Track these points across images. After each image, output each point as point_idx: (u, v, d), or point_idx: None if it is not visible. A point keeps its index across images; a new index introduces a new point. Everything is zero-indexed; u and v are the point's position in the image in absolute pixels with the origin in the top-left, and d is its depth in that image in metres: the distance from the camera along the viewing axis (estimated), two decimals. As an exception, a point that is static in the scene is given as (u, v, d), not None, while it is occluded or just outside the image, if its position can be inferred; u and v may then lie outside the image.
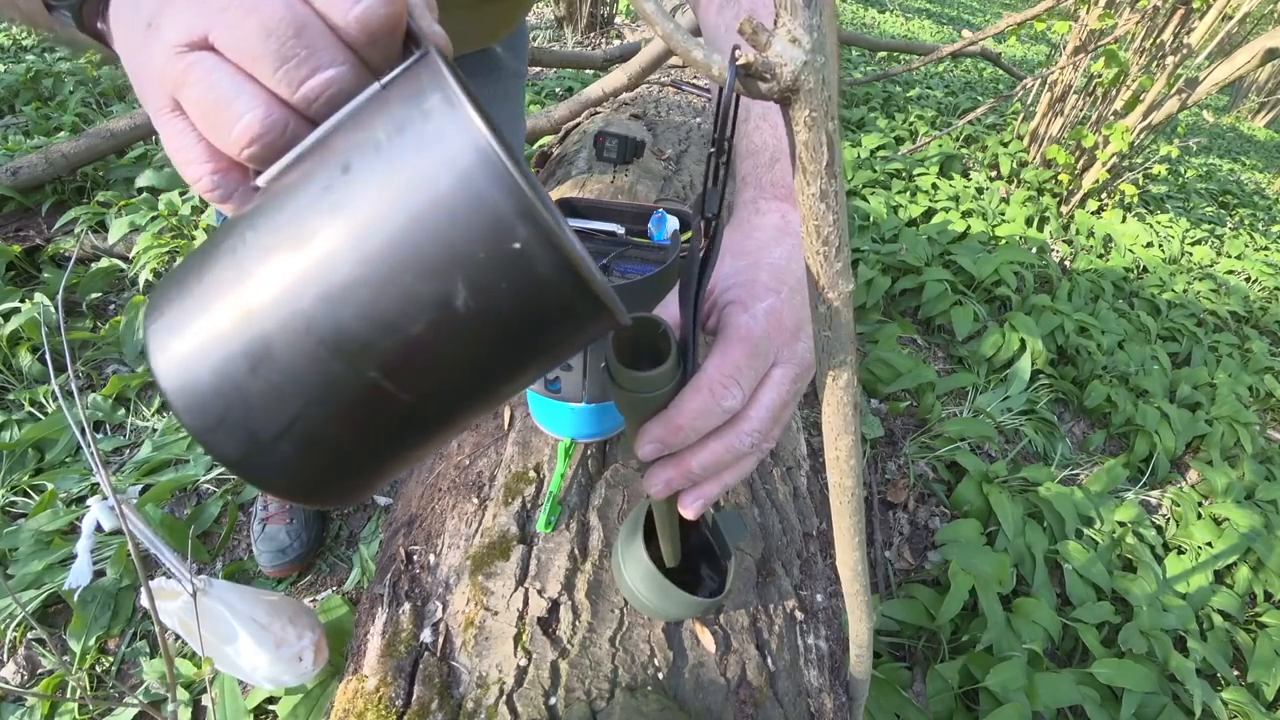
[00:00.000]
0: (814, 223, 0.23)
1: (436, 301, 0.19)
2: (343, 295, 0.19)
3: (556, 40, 4.41)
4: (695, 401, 0.31)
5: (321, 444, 0.21)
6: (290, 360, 0.20)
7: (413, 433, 0.23)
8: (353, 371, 0.20)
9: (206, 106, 0.22)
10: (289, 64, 0.22)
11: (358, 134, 0.20)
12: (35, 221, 1.91)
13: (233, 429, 0.21)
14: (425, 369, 0.21)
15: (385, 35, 0.23)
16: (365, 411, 0.21)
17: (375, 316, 0.20)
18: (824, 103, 0.20)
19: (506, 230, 0.19)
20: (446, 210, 0.19)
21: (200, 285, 0.21)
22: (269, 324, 0.20)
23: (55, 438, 1.39)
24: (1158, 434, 1.89)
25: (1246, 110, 9.01)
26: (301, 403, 0.21)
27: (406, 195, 0.19)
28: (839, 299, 0.26)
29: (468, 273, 0.19)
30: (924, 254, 2.39)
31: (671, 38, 0.19)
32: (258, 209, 0.21)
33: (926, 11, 8.85)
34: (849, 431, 0.33)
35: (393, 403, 0.21)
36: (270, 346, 0.20)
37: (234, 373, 0.20)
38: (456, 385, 0.22)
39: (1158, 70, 2.83)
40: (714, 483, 0.34)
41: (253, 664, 0.86)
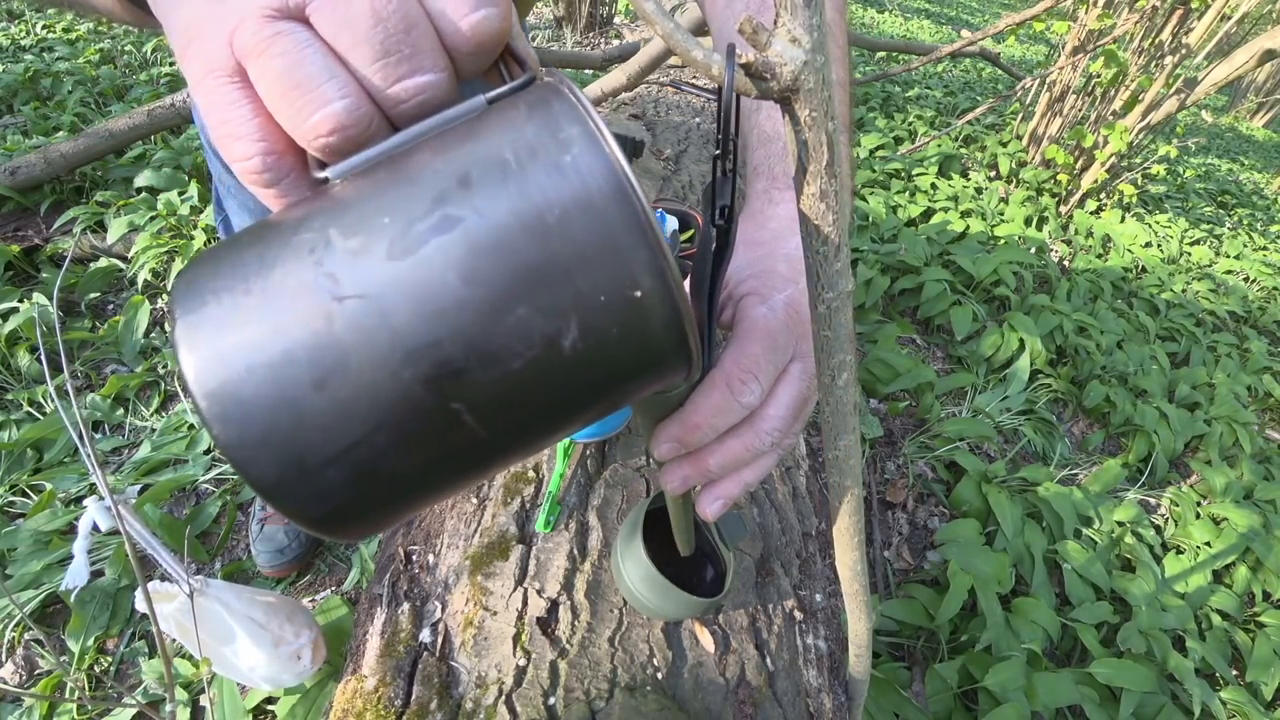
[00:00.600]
0: (814, 222, 0.23)
1: (545, 338, 0.18)
2: (445, 317, 0.18)
3: (555, 40, 4.41)
4: (712, 398, 0.30)
5: (375, 476, 0.19)
6: (367, 379, 0.18)
7: (473, 470, 0.21)
8: (437, 400, 0.18)
9: (288, 84, 0.20)
10: (390, 58, 0.20)
11: (476, 148, 0.19)
12: (34, 221, 1.91)
13: (276, 448, 0.18)
14: (511, 406, 0.19)
15: (491, 49, 0.22)
16: (436, 445, 0.19)
17: (477, 345, 0.18)
18: (824, 103, 0.20)
19: (632, 279, 0.18)
20: (576, 247, 0.18)
21: (263, 279, 0.18)
22: (350, 336, 0.18)
23: (54, 437, 1.38)
24: (1156, 434, 1.89)
25: (1245, 110, 9.02)
26: (368, 428, 0.18)
27: (535, 224, 0.18)
28: (839, 299, 0.26)
29: (583, 314, 0.18)
30: (923, 254, 2.39)
31: (671, 37, 0.19)
32: (343, 206, 0.19)
33: (925, 11, 8.86)
34: (848, 431, 0.33)
35: (467, 438, 0.19)
36: (346, 361, 0.18)
37: (293, 384, 0.18)
38: (533, 425, 0.21)
39: (1156, 70, 2.84)
40: (733, 481, 0.33)
41: (251, 664, 0.86)
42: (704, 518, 0.35)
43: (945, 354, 2.20)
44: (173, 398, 1.56)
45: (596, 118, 0.19)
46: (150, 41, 3.16)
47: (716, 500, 0.34)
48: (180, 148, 2.17)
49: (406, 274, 0.18)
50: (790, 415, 0.32)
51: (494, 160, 0.19)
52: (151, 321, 1.68)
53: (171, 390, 1.56)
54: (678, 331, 0.20)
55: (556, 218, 0.18)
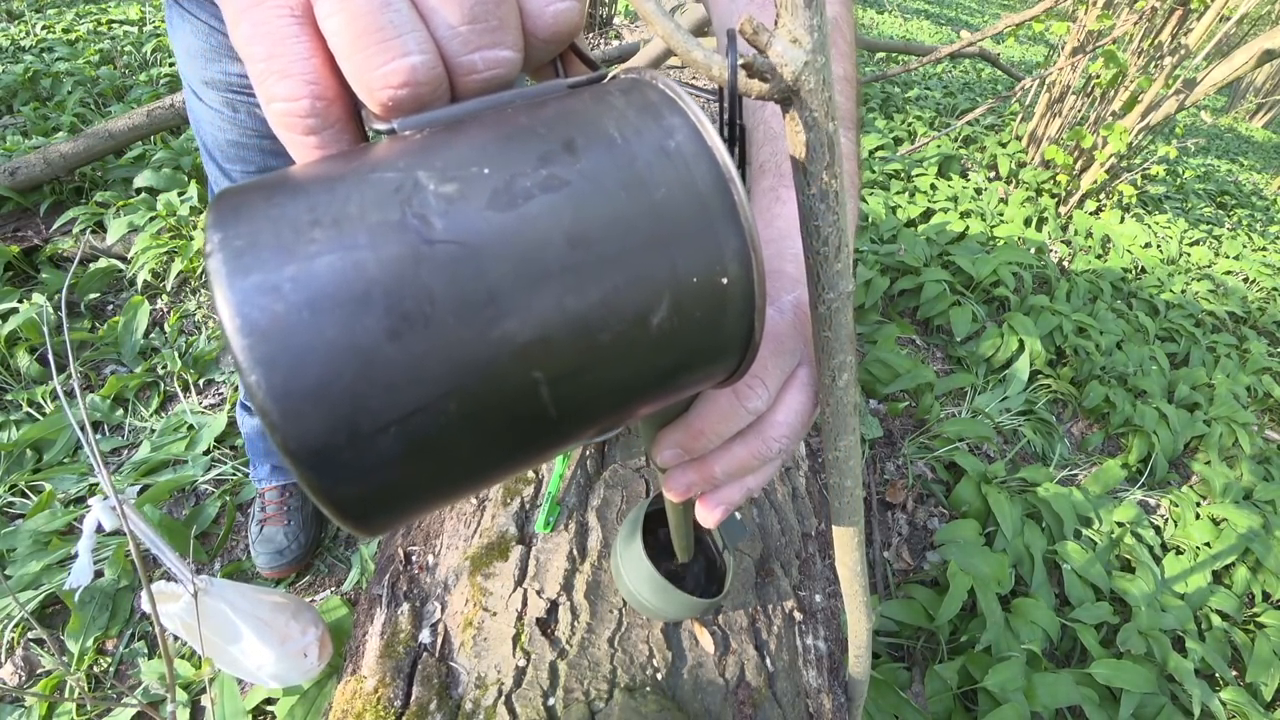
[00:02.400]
0: (814, 223, 0.23)
1: (638, 313, 0.18)
2: (541, 276, 0.17)
3: (555, 41, 4.41)
4: (718, 404, 0.29)
5: (429, 451, 0.17)
6: (451, 335, 0.16)
7: (525, 456, 0.20)
8: (519, 367, 0.17)
9: (367, 26, 0.19)
10: (478, 25, 0.20)
11: (578, 119, 0.19)
12: (33, 222, 1.91)
13: (329, 405, 0.15)
14: (587, 384, 0.19)
15: (565, 39, 0.22)
16: (503, 419, 0.18)
17: (570, 311, 0.17)
18: (824, 103, 0.20)
19: (723, 265, 0.19)
20: (678, 226, 0.18)
21: (335, 209, 0.16)
22: (440, 284, 0.16)
23: (53, 438, 1.38)
24: (1156, 434, 1.89)
25: (1244, 111, 9.03)
26: (440, 390, 0.16)
27: (642, 198, 0.18)
28: (839, 299, 0.26)
29: (675, 292, 0.18)
30: (922, 254, 2.39)
31: (672, 37, 0.19)
32: (430, 151, 0.18)
33: (925, 12, 8.86)
34: (848, 432, 0.33)
35: (535, 415, 0.18)
36: (430, 311, 0.16)
37: (364, 331, 0.15)
38: (600, 408, 0.20)
39: (1155, 71, 2.84)
40: (737, 487, 0.32)
41: (258, 662, 0.86)
42: (705, 524, 0.34)
43: (945, 354, 2.20)
44: (172, 398, 1.56)
45: (699, 111, 0.19)
46: (150, 42, 3.16)
47: (719, 507, 0.33)
48: (180, 148, 2.17)
49: (510, 226, 0.17)
50: (799, 422, 0.31)
51: (599, 133, 0.19)
52: (151, 322, 1.68)
53: (171, 391, 1.56)
54: (749, 323, 0.20)
55: (662, 195, 0.18)
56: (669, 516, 0.47)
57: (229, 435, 1.46)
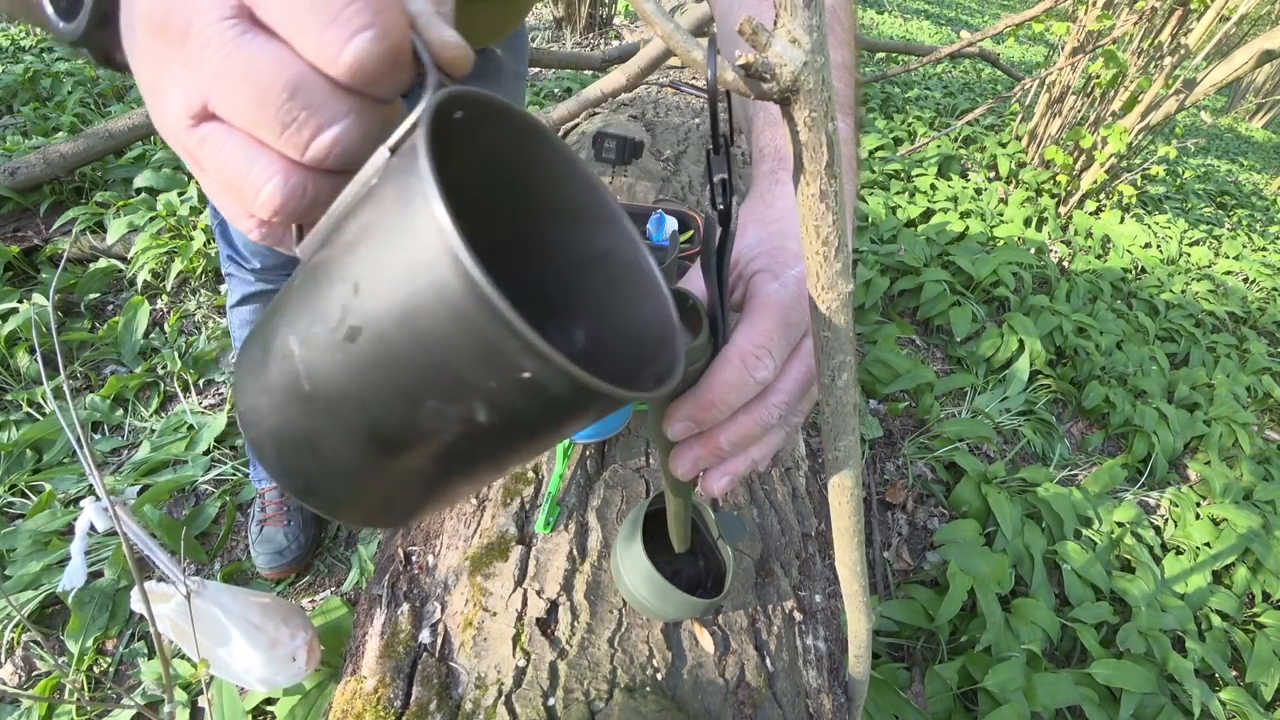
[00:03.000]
0: (813, 223, 0.23)
1: (461, 419, 0.20)
2: (380, 404, 0.20)
3: (555, 41, 4.41)
4: (726, 374, 0.29)
5: (372, 498, 0.25)
6: (337, 445, 0.22)
7: (458, 486, 0.25)
8: (390, 460, 0.22)
9: (225, 178, 0.21)
10: (290, 129, 0.20)
11: (361, 242, 0.20)
12: (33, 222, 1.91)
13: (288, 476, 0.24)
14: (465, 456, 0.22)
15: (385, 74, 0.21)
16: (413, 480, 0.23)
17: (410, 425, 0.21)
18: (824, 103, 0.20)
19: (515, 364, 0.18)
20: (452, 347, 0.18)
21: (263, 369, 0.23)
22: (317, 421, 0.22)
23: (53, 438, 1.38)
24: (1156, 434, 1.89)
25: (1244, 111, 9.03)
26: (350, 479, 0.24)
27: (412, 330, 0.18)
28: (838, 299, 0.26)
29: (484, 396, 0.19)
30: (922, 254, 2.39)
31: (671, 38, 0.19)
32: (293, 303, 0.22)
33: (925, 12, 8.86)
34: (848, 432, 0.33)
35: (439, 476, 0.23)
36: (318, 436, 0.22)
37: (292, 448, 0.23)
38: (492, 462, 0.24)
39: (1155, 71, 2.84)
40: (741, 459, 0.33)
41: (246, 665, 0.86)
42: (710, 494, 0.34)
43: (945, 355, 2.20)
44: (172, 398, 1.56)
45: (431, 178, 0.17)
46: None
47: (724, 477, 0.33)
48: (180, 148, 2.17)
49: (341, 371, 0.20)
50: (799, 389, 0.32)
51: (373, 261, 0.19)
52: (151, 322, 1.68)
53: (171, 391, 1.56)
54: (588, 392, 0.20)
55: (427, 322, 0.18)
56: (668, 506, 0.47)
57: (229, 435, 1.46)
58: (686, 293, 0.30)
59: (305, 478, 0.24)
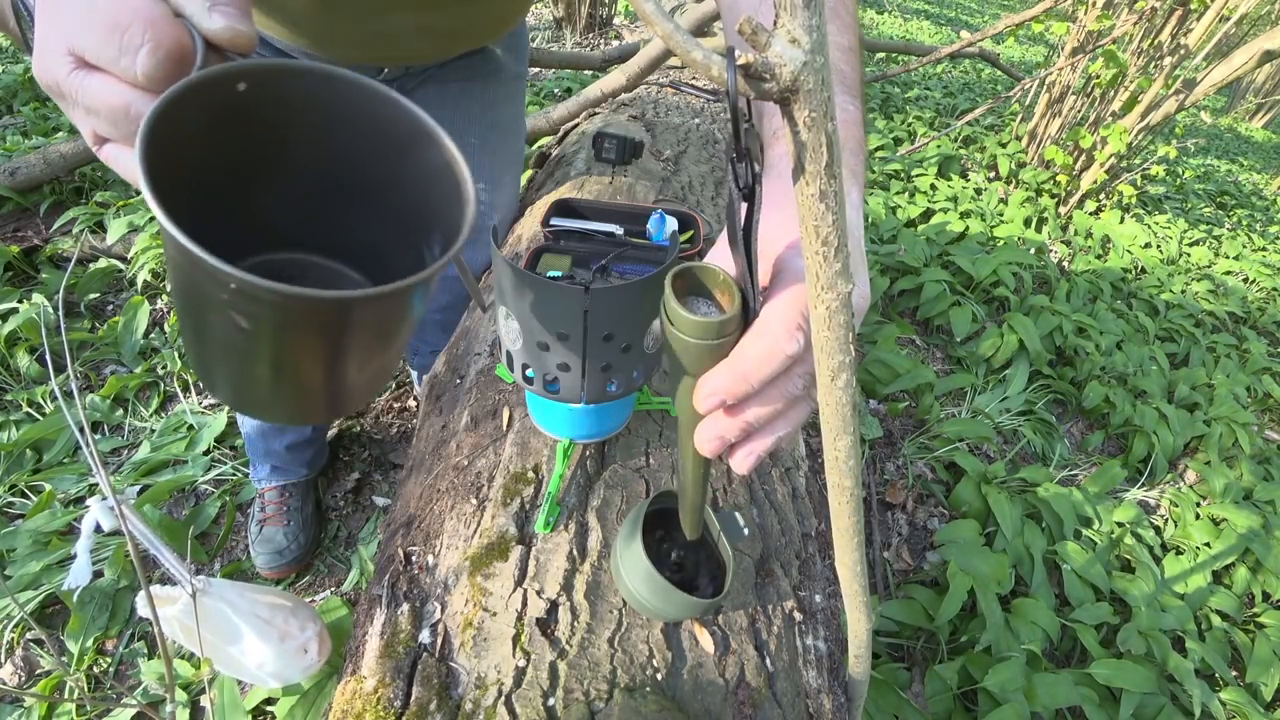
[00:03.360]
0: (813, 223, 0.23)
1: (234, 325, 0.28)
2: (203, 330, 0.32)
3: (555, 41, 4.41)
4: (758, 347, 0.30)
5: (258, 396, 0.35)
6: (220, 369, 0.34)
7: (303, 388, 0.34)
8: (243, 365, 0.32)
9: (102, 156, 0.35)
10: (124, 126, 0.31)
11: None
12: (33, 222, 1.91)
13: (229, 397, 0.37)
14: (273, 361, 0.31)
15: (172, 69, 0.29)
16: (269, 383, 0.33)
17: (223, 339, 0.31)
18: (823, 103, 0.20)
19: (215, 280, 0.26)
20: (184, 272, 0.29)
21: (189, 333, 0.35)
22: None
23: (53, 438, 1.38)
24: (1156, 434, 1.89)
25: (1244, 111, 9.03)
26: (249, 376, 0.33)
27: (174, 267, 0.31)
28: (838, 299, 0.26)
29: (231, 308, 0.28)
30: (922, 255, 2.39)
31: (671, 38, 0.19)
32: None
33: (925, 12, 8.86)
34: (848, 432, 0.33)
35: (277, 379, 0.33)
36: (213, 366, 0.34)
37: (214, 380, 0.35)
38: (301, 365, 0.32)
39: (1155, 71, 2.84)
40: (767, 435, 0.34)
41: (259, 661, 0.86)
42: (737, 472, 0.35)
43: (945, 355, 2.20)
44: (172, 398, 1.56)
45: (143, 182, 0.26)
46: (150, 42, 3.16)
47: (750, 456, 0.34)
48: (180, 148, 2.17)
49: (184, 317, 0.34)
50: None
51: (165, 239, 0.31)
52: (151, 322, 1.68)
53: (171, 391, 1.56)
54: (281, 296, 0.26)
55: (173, 256, 0.31)
56: (682, 492, 0.47)
57: (229, 435, 1.46)
58: (716, 269, 0.31)
59: (231, 394, 0.34)
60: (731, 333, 0.30)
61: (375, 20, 0.77)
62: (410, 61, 0.89)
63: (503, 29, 0.93)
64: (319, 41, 0.81)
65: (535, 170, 1.65)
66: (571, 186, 1.23)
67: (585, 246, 0.75)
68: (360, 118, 0.33)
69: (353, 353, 0.32)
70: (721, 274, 0.31)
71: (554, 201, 0.80)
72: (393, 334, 0.33)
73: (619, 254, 0.73)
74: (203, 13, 0.29)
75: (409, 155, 0.34)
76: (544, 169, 1.53)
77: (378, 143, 0.34)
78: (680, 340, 0.30)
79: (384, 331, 0.32)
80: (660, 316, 0.31)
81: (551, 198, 1.08)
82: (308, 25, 0.78)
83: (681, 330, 0.30)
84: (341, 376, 0.33)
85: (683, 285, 0.31)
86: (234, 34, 0.30)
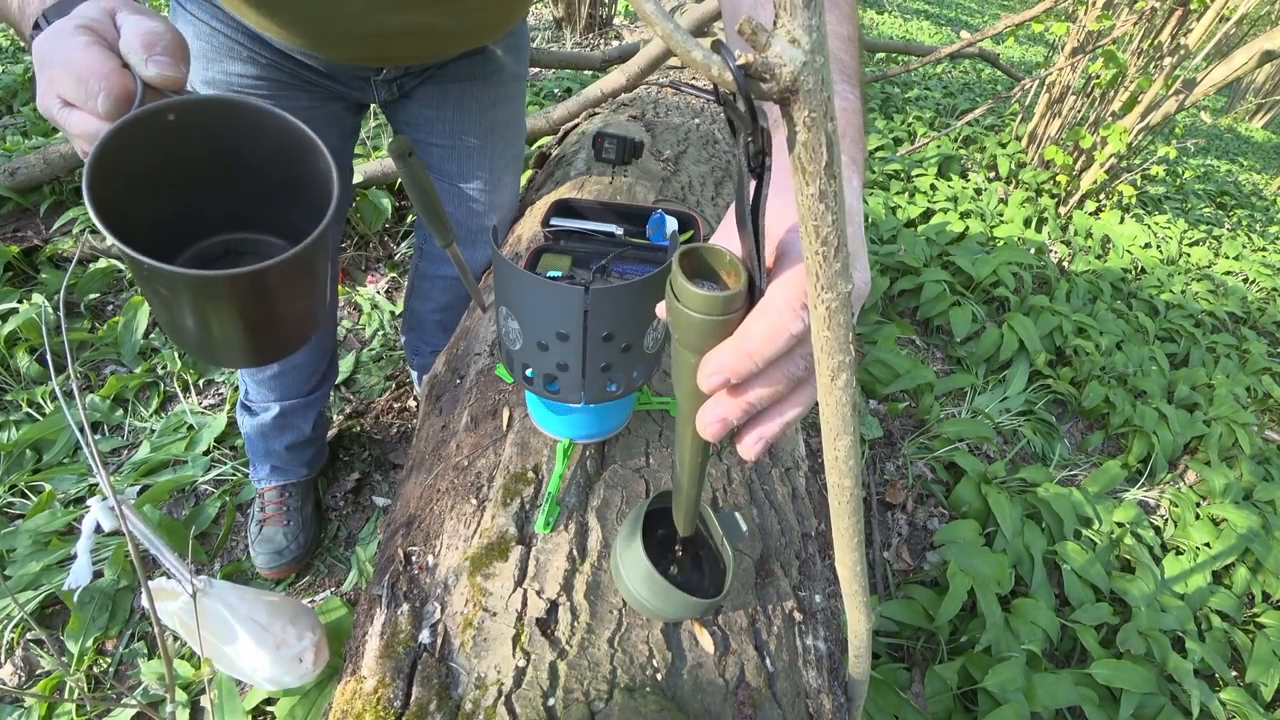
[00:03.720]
0: (813, 223, 0.23)
1: (159, 293, 0.40)
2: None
3: (555, 41, 4.41)
4: (762, 325, 0.30)
5: (217, 345, 0.45)
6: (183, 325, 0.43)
7: (235, 342, 0.44)
8: (205, 323, 0.43)
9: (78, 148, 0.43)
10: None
11: None
12: (33, 222, 1.90)
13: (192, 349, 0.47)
14: (203, 318, 0.42)
15: (122, 106, 0.39)
16: (222, 330, 0.43)
17: (162, 299, 0.41)
18: (823, 103, 0.20)
19: (139, 271, 0.37)
20: (133, 269, 0.39)
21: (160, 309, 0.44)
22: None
23: (53, 438, 1.38)
24: (1156, 434, 1.89)
25: (1244, 111, 9.03)
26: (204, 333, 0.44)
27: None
28: (838, 299, 0.26)
29: (148, 282, 0.39)
30: (922, 255, 2.39)
31: (671, 38, 0.19)
32: None
33: (925, 13, 8.86)
34: (847, 432, 0.33)
35: (204, 330, 0.43)
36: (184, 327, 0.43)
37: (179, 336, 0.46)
38: (229, 323, 0.42)
39: (1155, 71, 2.84)
40: (774, 419, 0.33)
41: (253, 665, 0.86)
42: (745, 458, 0.35)
43: (944, 355, 2.20)
44: (172, 398, 1.56)
45: (86, 195, 0.36)
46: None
47: (760, 441, 0.34)
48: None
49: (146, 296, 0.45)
50: None
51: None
52: (151, 322, 1.68)
53: (171, 391, 1.56)
54: (168, 274, 0.37)
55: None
56: (678, 484, 0.47)
57: (229, 435, 1.46)
58: (723, 249, 0.31)
59: (190, 346, 0.44)
60: (737, 310, 0.30)
61: (370, 20, 0.77)
62: (408, 61, 0.89)
63: (501, 28, 0.93)
64: (315, 42, 0.81)
65: (535, 170, 1.65)
66: (571, 186, 1.23)
67: (585, 246, 0.75)
68: (265, 133, 0.43)
69: (237, 312, 0.41)
70: (728, 255, 0.31)
71: (554, 201, 0.80)
72: (274, 297, 0.42)
73: (619, 254, 0.73)
74: (141, 64, 0.40)
75: (305, 159, 0.44)
76: (544, 169, 1.53)
77: (281, 150, 0.44)
78: (685, 316, 0.30)
79: (265, 295, 0.41)
80: (666, 295, 0.31)
81: (551, 198, 1.08)
82: (304, 26, 0.78)
83: (687, 305, 0.30)
84: (247, 330, 0.43)
85: (690, 266, 0.31)
86: (164, 79, 0.40)
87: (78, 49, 0.39)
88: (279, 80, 0.87)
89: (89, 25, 0.40)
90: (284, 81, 0.87)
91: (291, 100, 0.89)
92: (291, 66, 0.86)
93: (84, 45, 0.39)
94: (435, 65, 0.96)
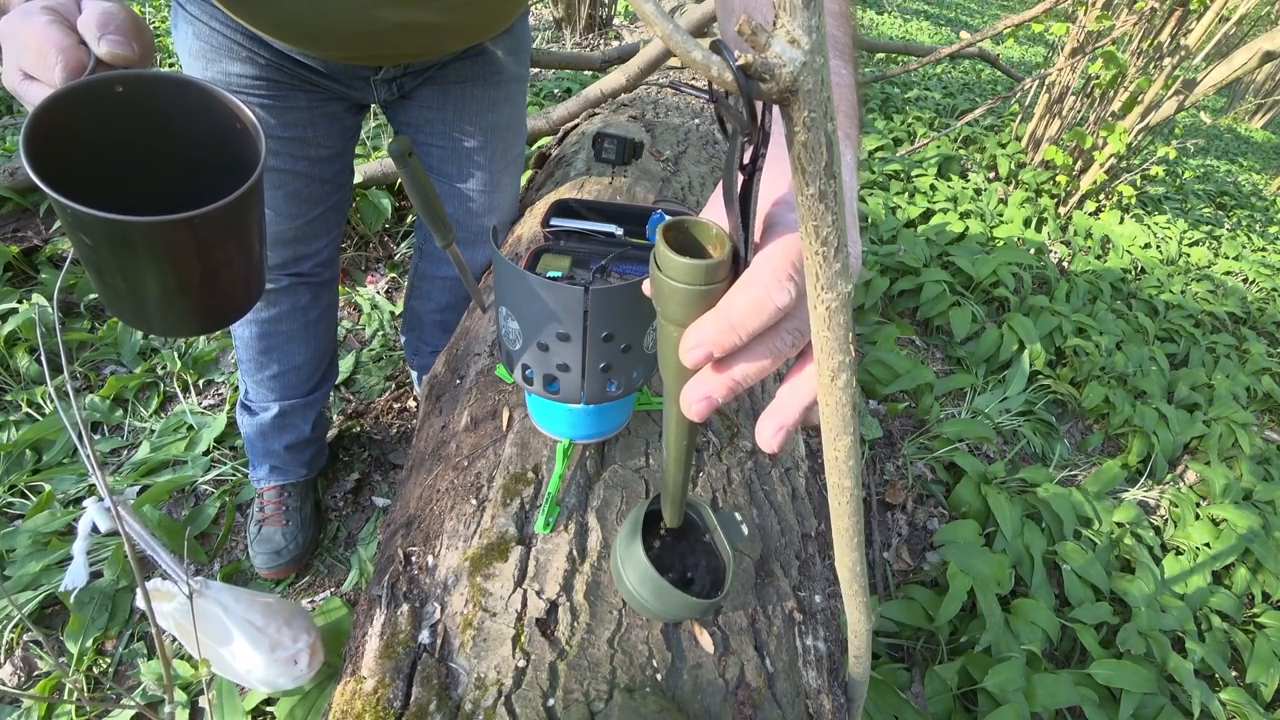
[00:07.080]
0: (813, 223, 0.23)
1: (85, 244, 0.39)
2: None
3: (555, 42, 4.41)
4: (746, 296, 0.29)
5: (158, 311, 0.46)
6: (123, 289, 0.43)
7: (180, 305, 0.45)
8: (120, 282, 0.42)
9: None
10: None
11: None
12: (33, 222, 1.90)
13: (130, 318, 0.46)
14: (136, 274, 0.41)
15: (78, 76, 0.41)
16: (148, 288, 0.43)
17: (93, 259, 0.41)
18: (823, 104, 0.20)
19: (65, 218, 0.37)
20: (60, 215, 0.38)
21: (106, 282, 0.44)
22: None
23: (53, 438, 1.38)
24: (1155, 435, 1.89)
25: (1244, 111, 9.04)
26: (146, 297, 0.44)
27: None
28: (838, 299, 0.26)
29: (85, 228, 0.37)
30: (922, 255, 2.39)
31: (671, 38, 0.19)
32: None
33: (925, 13, 8.87)
34: (847, 432, 0.33)
35: (138, 293, 0.43)
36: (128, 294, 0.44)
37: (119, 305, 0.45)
38: (167, 283, 0.43)
39: (1155, 72, 2.84)
40: (794, 405, 0.33)
41: (248, 666, 0.86)
42: (765, 449, 0.33)
43: (944, 355, 2.20)
44: (172, 399, 1.56)
45: (24, 158, 0.36)
46: (150, 42, 3.16)
47: (780, 431, 0.33)
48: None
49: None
50: (810, 318, 0.32)
51: None
52: (151, 322, 1.68)
53: (170, 391, 1.56)
54: (98, 222, 0.36)
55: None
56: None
57: (228, 436, 1.46)
58: (709, 223, 0.30)
59: (124, 311, 0.44)
60: (721, 280, 0.29)
61: (362, 17, 0.77)
62: (404, 59, 0.89)
63: (496, 26, 0.93)
64: (309, 40, 0.81)
65: (535, 170, 1.65)
66: (571, 187, 1.23)
67: (585, 247, 0.75)
68: (210, 108, 0.45)
69: (160, 268, 0.42)
70: (715, 228, 0.30)
71: (554, 202, 0.80)
72: (198, 254, 0.42)
73: (619, 254, 0.73)
74: (94, 41, 0.42)
75: (244, 134, 0.46)
76: (544, 169, 1.53)
77: (226, 123, 0.46)
78: (667, 285, 0.29)
79: (186, 251, 0.41)
80: (650, 268, 0.30)
81: (551, 198, 1.08)
82: (298, 26, 0.78)
83: (670, 274, 0.29)
84: (170, 290, 0.43)
85: (675, 239, 0.30)
86: (115, 56, 0.43)
87: (40, 25, 0.42)
88: (279, 80, 0.87)
89: (53, 6, 0.43)
90: (284, 82, 0.87)
91: (291, 100, 0.89)
92: (291, 67, 0.86)
93: (46, 23, 0.42)
94: (435, 66, 0.96)
